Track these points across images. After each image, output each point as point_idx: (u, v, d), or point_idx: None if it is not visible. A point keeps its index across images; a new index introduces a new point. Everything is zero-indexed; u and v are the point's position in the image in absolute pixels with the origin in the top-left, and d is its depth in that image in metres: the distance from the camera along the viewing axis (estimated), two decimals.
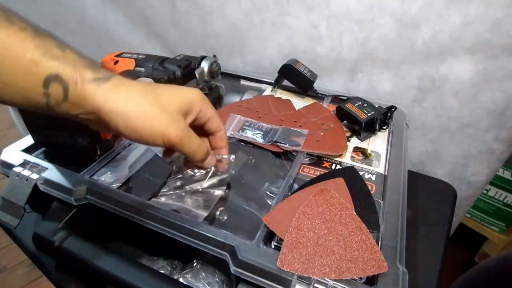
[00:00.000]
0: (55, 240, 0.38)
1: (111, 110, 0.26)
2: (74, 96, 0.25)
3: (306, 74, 0.59)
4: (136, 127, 0.27)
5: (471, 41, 0.54)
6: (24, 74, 0.23)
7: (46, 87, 0.24)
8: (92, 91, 0.26)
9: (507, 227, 0.98)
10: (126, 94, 0.27)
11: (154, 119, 0.28)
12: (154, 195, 0.42)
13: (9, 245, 1.21)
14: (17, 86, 0.24)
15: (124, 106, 0.27)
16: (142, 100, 0.28)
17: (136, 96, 0.28)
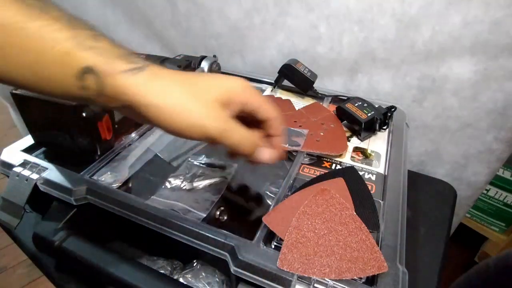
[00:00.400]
0: (55, 240, 0.38)
1: (145, 104, 0.25)
2: (108, 89, 0.24)
3: (306, 74, 0.59)
4: (172, 121, 0.26)
5: (471, 41, 0.54)
6: (58, 66, 0.23)
7: (80, 79, 0.23)
8: (125, 84, 0.24)
9: (507, 227, 0.98)
10: (160, 86, 0.26)
11: (190, 112, 0.26)
12: (154, 195, 0.42)
13: (9, 245, 1.21)
14: (54, 79, 0.23)
15: (158, 98, 0.25)
16: (177, 91, 0.26)
17: (170, 87, 0.26)
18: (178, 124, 0.26)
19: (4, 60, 0.22)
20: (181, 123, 0.26)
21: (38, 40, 0.22)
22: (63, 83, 0.24)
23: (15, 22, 0.21)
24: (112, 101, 0.25)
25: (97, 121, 0.44)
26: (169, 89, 0.26)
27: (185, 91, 0.26)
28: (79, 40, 0.23)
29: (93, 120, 0.43)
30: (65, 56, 0.23)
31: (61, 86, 0.24)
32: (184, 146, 0.51)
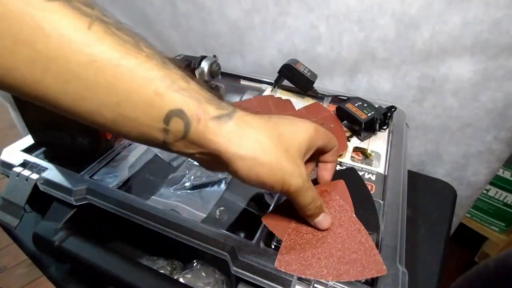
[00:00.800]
0: (55, 240, 0.38)
1: (234, 154, 0.24)
2: (195, 134, 0.23)
3: (306, 74, 0.59)
4: (258, 174, 0.25)
5: (471, 41, 0.54)
6: (147, 107, 0.21)
7: (167, 123, 0.22)
8: (215, 131, 0.23)
9: (507, 227, 0.98)
10: (251, 137, 0.25)
11: (279, 167, 0.25)
12: (154, 195, 0.42)
13: (9, 245, 1.21)
14: (137, 120, 0.22)
15: (249, 151, 0.24)
16: (268, 145, 0.25)
17: (261, 140, 0.25)
18: (263, 179, 0.25)
19: (90, 99, 0.20)
20: (268, 178, 0.25)
21: (130, 79, 0.21)
22: (146, 125, 0.22)
23: (109, 58, 0.20)
24: (193, 147, 0.24)
25: None
26: (261, 142, 0.25)
27: (275, 144, 0.26)
28: (171, 81, 0.22)
29: None
30: (155, 97, 0.21)
31: (142, 128, 0.22)
32: None
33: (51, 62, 0.19)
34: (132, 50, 0.21)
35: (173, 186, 0.45)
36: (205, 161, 0.26)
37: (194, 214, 0.40)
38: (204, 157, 0.25)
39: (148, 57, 0.21)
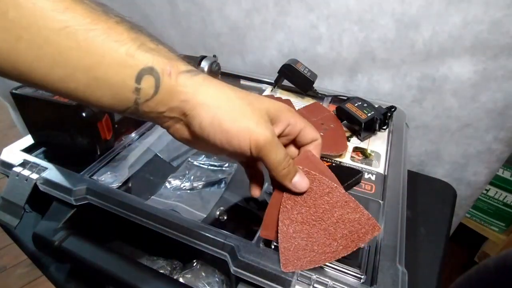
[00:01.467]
0: (55, 240, 0.38)
1: (200, 103, 0.25)
2: (165, 89, 0.24)
3: (306, 74, 0.59)
4: (223, 123, 0.25)
5: (470, 41, 0.54)
6: (119, 68, 0.23)
7: (138, 81, 0.23)
8: (184, 82, 0.25)
9: (507, 227, 0.99)
10: (216, 87, 0.26)
11: (244, 116, 0.26)
12: (154, 195, 0.42)
13: (9, 245, 1.21)
14: (110, 82, 0.23)
15: (214, 98, 0.25)
16: (232, 95, 0.26)
17: (227, 90, 0.27)
18: (228, 128, 0.25)
19: (64, 64, 0.21)
20: (232, 127, 0.25)
21: (102, 43, 0.22)
22: (118, 86, 0.23)
23: (80, 24, 0.21)
24: (162, 104, 0.25)
25: (97, 121, 0.44)
26: (226, 92, 0.26)
27: (240, 96, 0.27)
28: (141, 43, 0.23)
29: (93, 120, 0.43)
30: (127, 58, 0.23)
31: (114, 89, 0.23)
32: (184, 146, 0.51)
33: (24, 30, 0.20)
34: (102, 16, 0.22)
35: (173, 186, 0.45)
36: (173, 124, 0.27)
37: (194, 214, 0.40)
38: (171, 115, 0.26)
39: (117, 22, 0.23)
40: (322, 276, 0.30)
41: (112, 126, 0.47)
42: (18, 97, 0.44)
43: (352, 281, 0.30)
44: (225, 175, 0.47)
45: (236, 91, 0.27)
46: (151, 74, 0.23)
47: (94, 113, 0.43)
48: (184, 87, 0.25)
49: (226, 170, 0.48)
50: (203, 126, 0.25)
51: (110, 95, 0.23)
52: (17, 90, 0.44)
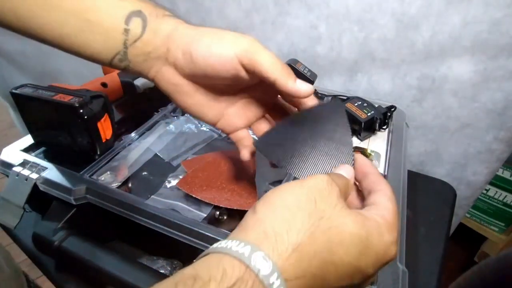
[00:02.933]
0: (55, 240, 0.38)
1: (179, 34, 0.27)
2: (151, 28, 0.26)
3: (306, 74, 0.59)
4: (202, 42, 0.26)
5: (470, 41, 0.54)
6: (111, 9, 0.25)
7: (127, 23, 0.25)
8: (167, 21, 0.27)
9: (507, 227, 0.99)
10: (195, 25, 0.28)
11: (222, 33, 0.27)
12: (153, 195, 0.42)
13: (9, 245, 1.21)
14: (102, 25, 0.25)
15: (192, 29, 0.27)
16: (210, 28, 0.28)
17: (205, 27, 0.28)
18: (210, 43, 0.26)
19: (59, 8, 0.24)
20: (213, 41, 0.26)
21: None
22: (109, 28, 0.25)
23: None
24: (148, 44, 0.26)
25: (96, 121, 0.44)
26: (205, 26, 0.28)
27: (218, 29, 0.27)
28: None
29: (92, 120, 0.43)
30: (119, 2, 0.26)
31: (105, 33, 0.25)
32: (184, 146, 0.51)
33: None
34: None
35: (173, 186, 0.44)
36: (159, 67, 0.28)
37: (194, 213, 0.40)
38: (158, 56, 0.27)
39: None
40: None
41: (112, 126, 0.47)
42: (18, 97, 0.44)
43: None
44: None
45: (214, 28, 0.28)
46: (139, 16, 0.26)
47: (94, 113, 0.43)
48: (166, 24, 0.27)
49: None
50: (185, 51, 0.26)
51: (101, 39, 0.26)
52: (17, 90, 0.44)
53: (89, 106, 0.42)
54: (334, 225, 0.19)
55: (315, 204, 0.20)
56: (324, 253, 0.19)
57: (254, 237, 0.18)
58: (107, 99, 0.46)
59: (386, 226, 0.21)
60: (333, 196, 0.21)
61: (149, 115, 0.57)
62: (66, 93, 0.43)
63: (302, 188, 0.21)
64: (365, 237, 0.20)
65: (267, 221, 0.19)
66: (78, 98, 0.42)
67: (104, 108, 0.45)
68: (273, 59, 0.26)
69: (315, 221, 0.19)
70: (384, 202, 0.23)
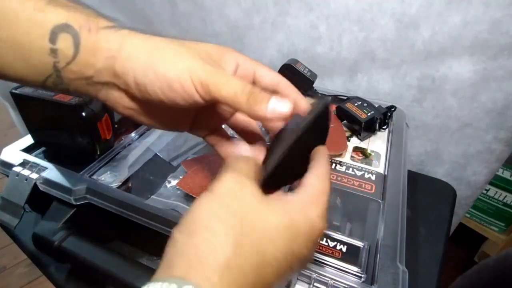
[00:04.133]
0: (55, 240, 0.38)
1: (128, 56, 0.22)
2: (86, 47, 0.21)
3: (306, 74, 0.59)
4: (157, 70, 0.22)
5: (470, 41, 0.54)
6: (27, 25, 0.20)
7: (53, 41, 0.20)
8: (106, 37, 0.22)
9: (507, 227, 0.99)
10: (143, 37, 0.23)
11: (178, 57, 0.22)
12: (153, 195, 0.42)
13: (8, 244, 1.21)
14: (20, 44, 0.20)
15: (142, 48, 0.22)
16: (162, 41, 0.23)
17: (154, 38, 0.23)
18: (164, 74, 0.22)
19: None
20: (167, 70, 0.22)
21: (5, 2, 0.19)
22: (30, 49, 0.20)
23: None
24: (88, 67, 0.22)
25: (96, 121, 0.44)
26: (155, 39, 0.23)
27: (171, 41, 0.23)
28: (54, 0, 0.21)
29: (92, 120, 0.43)
30: (36, 13, 0.20)
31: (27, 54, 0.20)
32: (184, 146, 0.51)
33: None
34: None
35: (173, 186, 0.44)
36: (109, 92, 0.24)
37: None
38: (104, 82, 0.23)
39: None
40: (322, 275, 0.30)
41: (112, 126, 0.47)
42: (18, 97, 0.44)
43: (353, 280, 0.30)
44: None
45: (166, 39, 0.23)
46: (67, 32, 0.20)
47: (94, 113, 0.43)
48: (107, 42, 0.22)
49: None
50: (138, 81, 0.22)
51: (23, 60, 0.21)
52: (17, 90, 0.44)
53: (89, 106, 0.42)
54: (257, 226, 0.18)
55: (231, 209, 0.19)
56: (256, 257, 0.18)
57: (179, 271, 0.17)
58: None
59: (309, 202, 0.21)
60: (246, 194, 0.20)
61: None
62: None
63: (212, 199, 0.19)
64: (290, 223, 0.19)
65: (188, 248, 0.17)
66: (78, 98, 0.42)
67: (104, 108, 0.45)
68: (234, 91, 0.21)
69: (236, 229, 0.18)
70: (310, 181, 0.23)
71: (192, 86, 0.22)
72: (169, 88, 0.22)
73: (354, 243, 0.34)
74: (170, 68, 0.22)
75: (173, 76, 0.22)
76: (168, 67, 0.22)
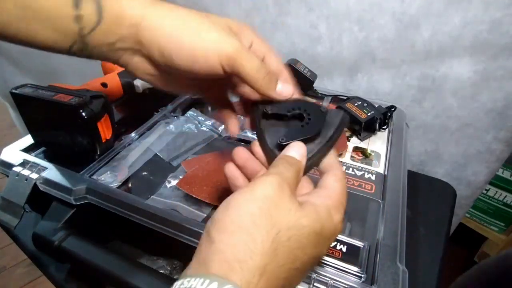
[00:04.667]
0: (55, 239, 0.38)
1: (152, 25, 0.22)
2: (109, 14, 0.21)
3: (306, 74, 0.59)
4: (184, 42, 0.22)
5: (470, 41, 0.54)
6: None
7: (77, 7, 0.21)
8: (129, 3, 0.22)
9: (507, 227, 0.99)
10: (167, 7, 0.23)
11: (204, 30, 0.23)
12: (153, 195, 0.42)
13: (8, 244, 1.21)
14: (45, 10, 0.20)
15: (167, 18, 0.22)
16: (185, 12, 0.23)
17: (179, 9, 0.23)
18: (190, 47, 0.22)
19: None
20: (194, 44, 0.22)
21: None
22: (55, 15, 0.21)
23: None
24: (111, 33, 0.22)
25: (96, 121, 0.44)
26: (178, 10, 0.23)
27: (195, 13, 0.24)
28: None
29: (93, 120, 0.43)
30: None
31: (52, 21, 0.21)
32: (184, 146, 0.51)
33: None
34: None
35: (173, 186, 0.44)
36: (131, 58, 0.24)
37: (194, 213, 0.40)
38: (126, 47, 0.23)
39: None
40: (322, 275, 0.30)
41: (112, 126, 0.47)
42: (18, 97, 0.44)
43: (353, 279, 0.30)
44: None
45: (189, 10, 0.24)
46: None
47: (94, 113, 0.43)
48: (131, 9, 0.22)
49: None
50: (163, 50, 0.23)
51: (49, 28, 0.21)
52: (17, 90, 0.44)
53: (89, 106, 0.42)
54: (292, 233, 0.19)
55: (270, 217, 0.19)
56: (288, 264, 0.19)
57: (217, 269, 0.17)
58: (107, 99, 0.46)
59: (334, 207, 0.22)
60: (285, 201, 0.20)
61: (149, 115, 0.57)
62: (66, 93, 0.43)
63: (253, 202, 0.20)
64: (321, 230, 0.20)
65: (227, 248, 0.18)
66: (78, 98, 0.42)
67: (104, 108, 0.45)
68: (257, 68, 0.24)
69: (274, 237, 0.19)
70: (332, 183, 0.24)
71: (217, 59, 0.23)
72: (194, 59, 0.23)
73: (354, 243, 0.34)
74: (196, 40, 0.22)
75: (199, 49, 0.22)
76: (194, 39, 0.22)
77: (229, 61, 0.23)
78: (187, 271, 0.18)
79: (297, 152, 0.25)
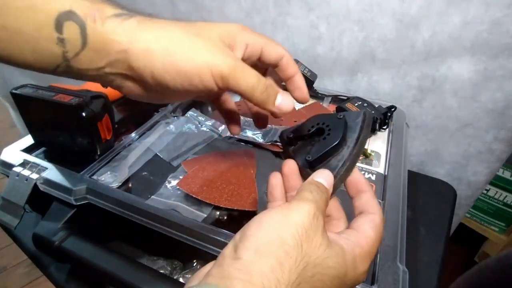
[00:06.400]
0: (55, 240, 0.38)
1: (142, 50, 0.21)
2: (94, 38, 0.20)
3: (306, 74, 0.59)
4: (177, 66, 0.22)
5: (470, 41, 0.54)
6: (30, 13, 0.19)
7: (59, 30, 0.20)
8: (114, 29, 0.21)
9: (507, 227, 0.99)
10: (155, 28, 0.22)
11: (196, 50, 0.22)
12: (153, 195, 0.42)
13: (9, 245, 1.21)
14: (25, 32, 0.19)
15: (157, 42, 0.22)
16: (176, 32, 0.22)
17: (167, 28, 0.22)
18: (183, 69, 0.22)
19: None
20: (187, 66, 0.22)
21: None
22: (36, 37, 0.20)
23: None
24: (99, 58, 0.21)
25: (97, 121, 0.44)
26: (167, 30, 0.22)
27: (185, 31, 0.23)
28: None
29: (93, 120, 0.43)
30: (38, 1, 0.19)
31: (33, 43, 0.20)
32: (184, 146, 0.51)
33: None
34: None
35: (173, 186, 0.44)
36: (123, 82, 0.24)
37: (194, 213, 0.40)
38: (117, 71, 0.23)
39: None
40: None
41: (112, 126, 0.47)
42: (18, 97, 0.44)
43: None
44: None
45: (178, 26, 0.23)
46: (72, 20, 0.20)
47: (94, 113, 0.43)
48: (116, 35, 0.21)
49: None
50: (156, 75, 0.22)
51: (30, 49, 0.20)
52: (17, 90, 0.44)
53: (89, 106, 0.42)
54: (317, 271, 0.19)
55: (301, 248, 0.19)
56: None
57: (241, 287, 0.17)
58: (107, 99, 0.46)
59: (361, 257, 0.22)
60: (318, 234, 0.20)
61: (149, 115, 0.57)
62: (66, 93, 0.43)
63: (286, 226, 0.19)
64: (343, 276, 0.20)
65: (254, 269, 0.18)
66: (78, 98, 0.42)
67: (104, 108, 0.45)
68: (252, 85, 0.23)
69: (301, 270, 0.18)
70: (367, 230, 0.23)
71: (211, 79, 0.22)
72: (188, 81, 0.22)
73: None
74: (189, 63, 0.22)
75: (193, 71, 0.22)
76: (187, 63, 0.22)
77: (224, 80, 0.23)
78: (207, 278, 0.18)
79: (325, 180, 0.24)
